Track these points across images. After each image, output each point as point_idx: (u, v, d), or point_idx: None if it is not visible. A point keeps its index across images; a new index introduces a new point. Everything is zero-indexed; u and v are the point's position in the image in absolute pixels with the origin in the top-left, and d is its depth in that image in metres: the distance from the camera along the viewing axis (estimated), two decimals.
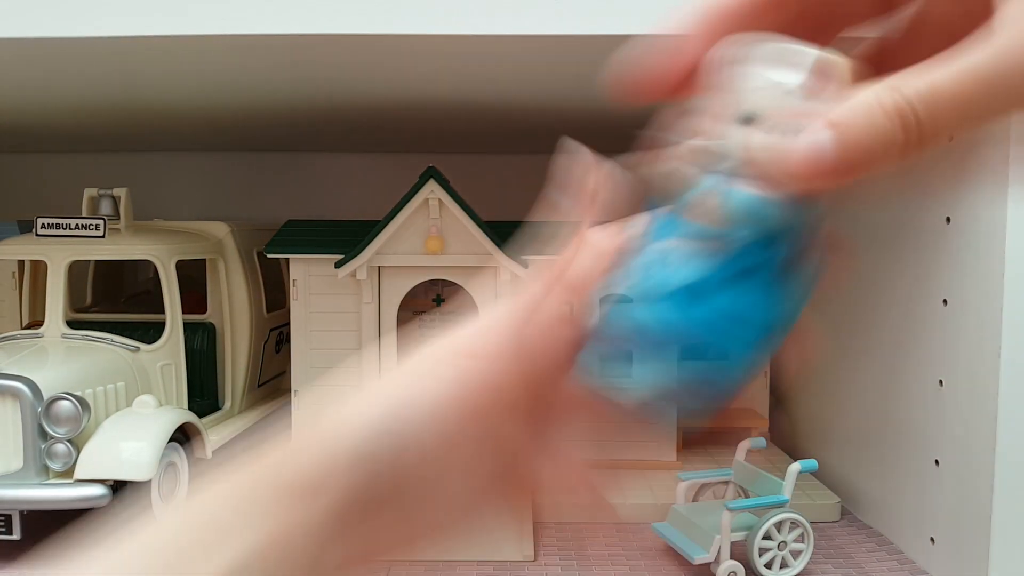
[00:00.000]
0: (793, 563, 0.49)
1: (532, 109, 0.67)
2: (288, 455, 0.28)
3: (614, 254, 0.28)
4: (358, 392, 0.27)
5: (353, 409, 0.26)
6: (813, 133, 0.20)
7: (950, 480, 0.48)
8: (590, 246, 0.30)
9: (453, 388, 0.27)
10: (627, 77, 0.27)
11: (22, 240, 0.60)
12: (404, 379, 0.27)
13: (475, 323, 0.30)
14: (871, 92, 0.20)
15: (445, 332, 0.29)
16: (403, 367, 0.28)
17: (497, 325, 0.29)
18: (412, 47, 0.45)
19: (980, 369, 0.44)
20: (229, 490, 0.27)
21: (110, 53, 0.46)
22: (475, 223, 0.60)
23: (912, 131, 0.21)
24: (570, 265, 0.30)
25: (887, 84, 0.20)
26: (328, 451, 0.26)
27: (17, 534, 0.49)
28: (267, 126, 0.77)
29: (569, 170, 0.30)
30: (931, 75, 0.20)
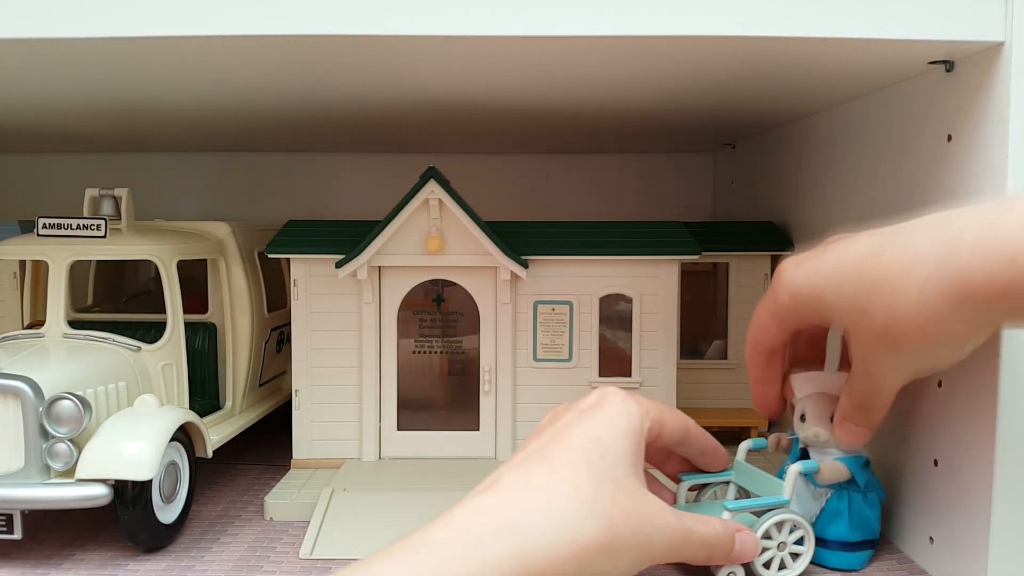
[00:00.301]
0: (792, 564, 0.49)
1: (532, 109, 0.67)
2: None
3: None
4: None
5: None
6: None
7: (949, 480, 0.48)
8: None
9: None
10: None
11: (23, 240, 0.60)
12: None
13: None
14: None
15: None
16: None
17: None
18: (412, 48, 0.45)
19: (979, 369, 0.44)
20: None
21: (110, 53, 0.46)
22: (475, 223, 0.60)
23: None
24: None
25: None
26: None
27: (18, 534, 0.49)
28: (267, 126, 0.77)
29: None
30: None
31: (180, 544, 0.54)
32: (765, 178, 0.84)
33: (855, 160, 0.61)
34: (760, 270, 0.77)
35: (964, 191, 0.46)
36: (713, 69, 0.51)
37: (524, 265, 0.62)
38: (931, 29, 0.42)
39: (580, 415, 0.41)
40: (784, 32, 0.41)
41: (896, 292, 0.38)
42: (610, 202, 1.02)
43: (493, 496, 0.35)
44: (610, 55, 0.47)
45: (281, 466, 0.66)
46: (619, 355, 0.67)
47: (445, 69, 0.51)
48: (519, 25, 0.41)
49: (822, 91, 0.59)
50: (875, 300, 0.39)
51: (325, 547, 0.52)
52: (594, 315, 0.66)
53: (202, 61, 0.48)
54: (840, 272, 0.42)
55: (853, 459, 0.51)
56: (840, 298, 0.42)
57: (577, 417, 0.41)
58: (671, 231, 0.68)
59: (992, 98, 0.44)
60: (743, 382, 0.78)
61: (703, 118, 0.74)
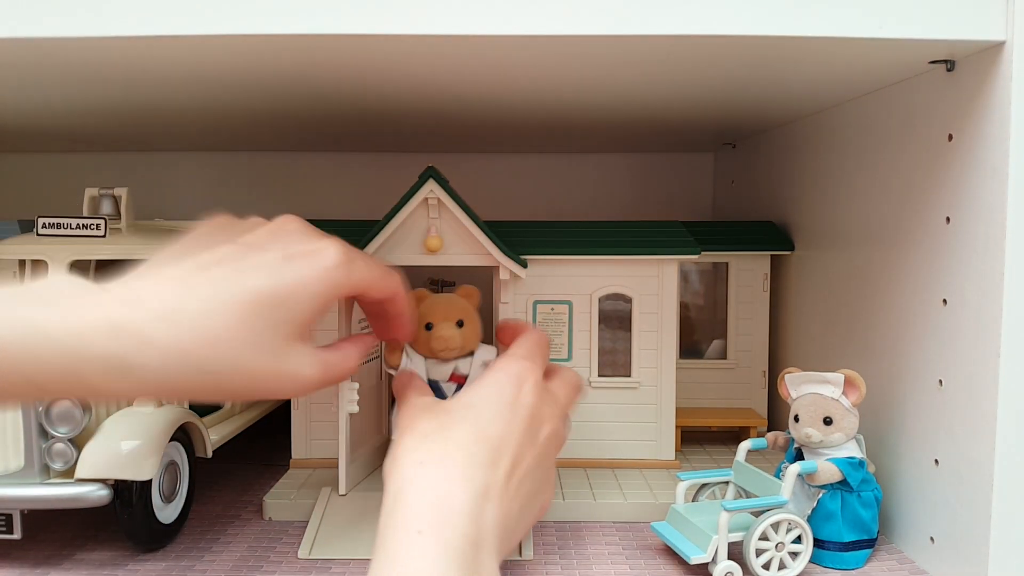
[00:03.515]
0: (792, 564, 0.49)
1: (532, 109, 0.67)
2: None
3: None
4: None
5: None
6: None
7: (949, 480, 0.48)
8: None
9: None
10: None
11: (23, 240, 0.60)
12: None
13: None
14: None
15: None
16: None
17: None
18: (412, 47, 0.45)
19: (979, 369, 0.44)
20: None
21: (110, 53, 0.46)
22: (474, 223, 0.60)
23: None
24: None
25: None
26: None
27: (18, 533, 0.49)
28: (267, 126, 0.77)
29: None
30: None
31: (180, 544, 0.54)
32: (765, 178, 0.84)
33: (855, 160, 0.61)
34: (760, 270, 0.77)
35: (965, 191, 0.46)
36: (713, 69, 0.51)
37: (523, 265, 0.62)
38: (932, 28, 0.42)
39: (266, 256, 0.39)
40: (784, 32, 0.41)
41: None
42: (610, 202, 1.02)
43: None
44: (610, 54, 0.47)
45: (280, 466, 0.66)
46: (618, 355, 0.67)
47: (445, 69, 0.51)
48: (518, 25, 0.41)
49: (822, 91, 0.59)
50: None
51: (324, 547, 0.52)
52: (593, 315, 0.66)
53: (202, 61, 0.48)
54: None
55: (845, 460, 0.51)
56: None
57: (257, 262, 0.39)
58: (671, 231, 0.68)
59: (993, 98, 0.43)
60: (743, 382, 0.78)
61: (703, 118, 0.74)
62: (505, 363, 0.45)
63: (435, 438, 0.39)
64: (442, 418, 0.40)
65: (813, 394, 0.52)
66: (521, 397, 0.42)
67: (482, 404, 0.41)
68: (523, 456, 0.40)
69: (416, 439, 0.39)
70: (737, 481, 0.55)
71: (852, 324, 0.62)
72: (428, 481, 0.36)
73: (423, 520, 0.33)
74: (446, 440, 0.38)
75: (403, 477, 0.36)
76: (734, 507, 0.49)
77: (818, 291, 0.69)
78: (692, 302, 0.81)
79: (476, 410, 0.41)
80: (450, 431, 0.39)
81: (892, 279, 0.55)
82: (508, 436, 0.40)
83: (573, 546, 0.54)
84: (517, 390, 0.43)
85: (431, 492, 0.35)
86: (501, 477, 0.38)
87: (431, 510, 0.34)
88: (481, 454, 0.38)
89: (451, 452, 0.38)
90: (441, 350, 0.56)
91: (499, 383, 0.43)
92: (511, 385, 0.43)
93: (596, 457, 0.67)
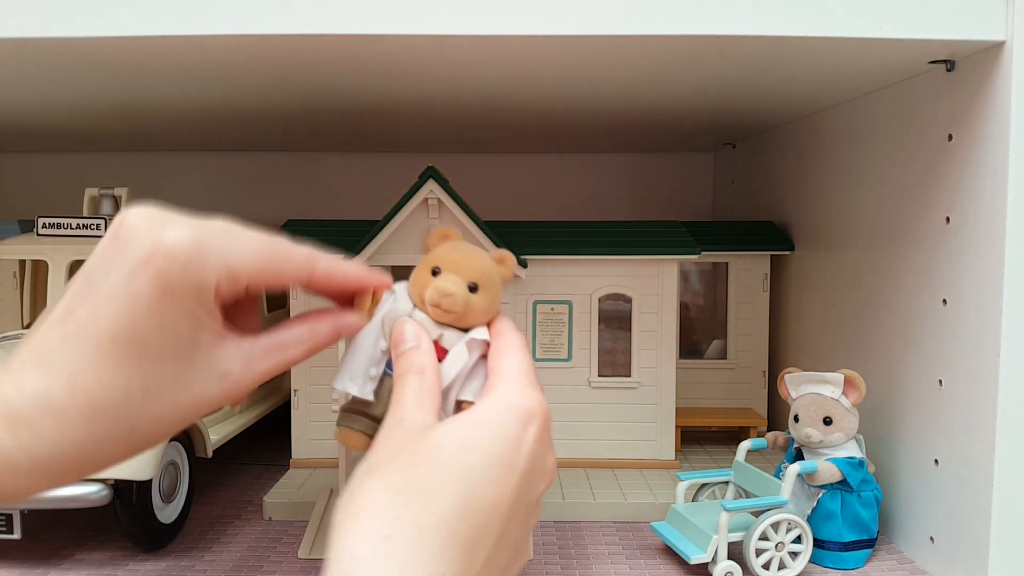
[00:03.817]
0: (792, 563, 0.49)
1: (532, 109, 0.67)
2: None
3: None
4: None
5: None
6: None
7: (949, 480, 0.48)
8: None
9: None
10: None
11: (23, 240, 0.60)
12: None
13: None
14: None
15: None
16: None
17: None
18: (412, 47, 0.45)
19: (980, 369, 0.44)
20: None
21: (110, 53, 0.46)
22: (474, 223, 0.60)
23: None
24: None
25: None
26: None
27: (17, 533, 0.49)
28: (267, 126, 0.77)
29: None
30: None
31: (180, 544, 0.54)
32: (765, 178, 0.84)
33: (855, 160, 0.61)
34: (760, 270, 0.77)
35: (965, 191, 0.46)
36: (713, 69, 0.51)
37: (523, 265, 0.62)
38: (932, 29, 0.42)
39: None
40: (784, 32, 0.41)
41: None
42: (610, 202, 1.02)
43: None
44: (610, 55, 0.47)
45: (280, 466, 0.66)
46: (618, 355, 0.67)
47: (445, 69, 0.51)
48: (518, 24, 0.41)
49: (822, 91, 0.59)
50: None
51: (324, 547, 0.52)
52: (593, 315, 0.66)
53: (202, 60, 0.48)
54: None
55: (845, 460, 0.51)
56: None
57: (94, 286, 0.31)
58: (671, 231, 0.68)
59: (993, 97, 0.43)
60: (743, 382, 0.78)
61: (703, 118, 0.74)
62: (513, 397, 0.35)
63: (412, 500, 0.30)
64: (426, 467, 0.31)
65: (813, 394, 0.52)
66: (523, 447, 0.33)
67: (479, 453, 0.32)
68: (511, 527, 0.33)
69: (387, 497, 0.30)
70: (737, 481, 0.55)
71: (852, 324, 0.62)
72: (391, 569, 0.28)
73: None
74: (425, 506, 0.30)
75: (358, 554, 0.28)
76: (734, 507, 0.49)
77: (818, 291, 0.69)
78: (692, 302, 0.81)
79: (470, 461, 0.32)
80: (432, 493, 0.30)
81: (892, 279, 0.55)
82: (499, 506, 0.32)
83: (573, 546, 0.54)
84: (521, 434, 0.34)
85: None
86: (482, 559, 0.31)
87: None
88: (463, 534, 0.30)
89: (426, 529, 0.29)
90: (435, 305, 0.40)
91: (503, 426, 0.34)
92: (516, 427, 0.34)
93: (596, 457, 0.67)
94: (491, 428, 0.33)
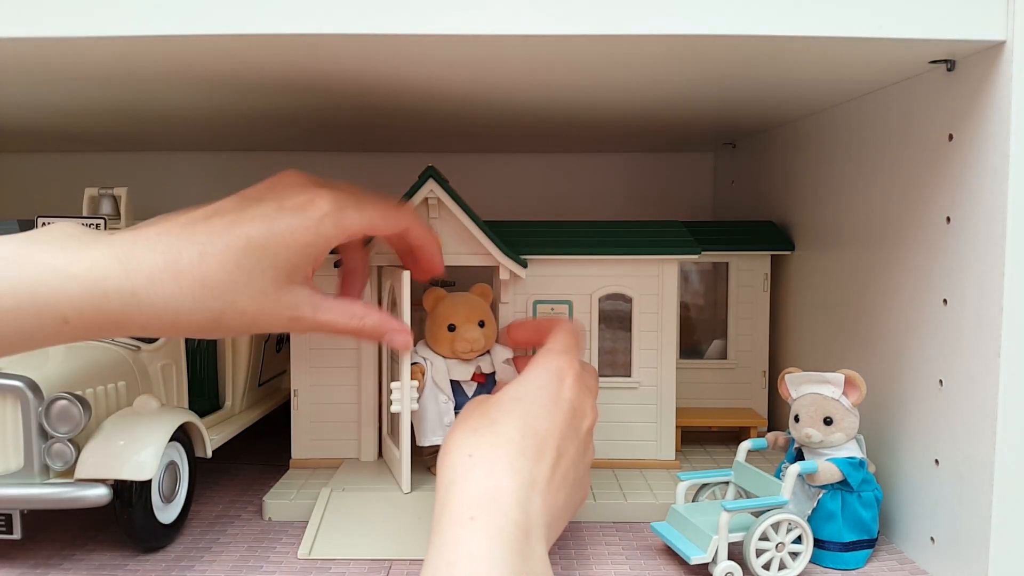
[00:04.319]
0: (792, 564, 0.49)
1: (532, 109, 0.67)
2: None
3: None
4: None
5: None
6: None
7: (950, 480, 0.48)
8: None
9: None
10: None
11: None
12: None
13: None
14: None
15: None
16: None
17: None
18: (412, 47, 0.45)
19: (980, 369, 0.44)
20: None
21: (110, 53, 0.46)
22: (474, 223, 0.60)
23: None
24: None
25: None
26: None
27: (18, 534, 0.49)
28: (267, 126, 0.77)
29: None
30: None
31: (180, 544, 0.54)
32: (765, 178, 0.84)
33: (855, 160, 0.61)
34: (760, 270, 0.77)
35: (965, 191, 0.46)
36: (713, 69, 0.51)
37: (523, 264, 0.62)
38: (932, 28, 0.42)
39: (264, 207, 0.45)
40: (784, 32, 0.41)
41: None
42: (610, 202, 1.02)
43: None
44: (610, 54, 0.47)
45: (280, 466, 0.66)
46: (618, 354, 0.67)
47: (445, 68, 0.51)
48: (518, 24, 0.41)
49: (822, 91, 0.59)
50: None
51: (324, 547, 0.52)
52: (593, 315, 0.66)
53: (202, 61, 0.48)
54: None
55: (846, 460, 0.51)
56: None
57: (255, 214, 0.44)
58: (671, 231, 0.68)
59: (993, 97, 0.43)
60: (743, 382, 0.78)
61: (703, 118, 0.74)
62: (546, 359, 0.46)
63: (484, 432, 0.40)
64: (492, 413, 0.42)
65: (813, 394, 0.52)
66: (564, 392, 0.44)
67: (529, 398, 0.43)
68: (566, 449, 0.42)
69: (466, 434, 0.41)
70: (737, 481, 0.55)
71: (852, 324, 0.62)
72: (478, 472, 0.37)
73: (475, 508, 0.35)
74: (495, 434, 0.40)
75: (454, 469, 0.38)
76: (734, 507, 0.49)
77: (818, 291, 0.69)
78: (692, 302, 0.81)
79: (523, 404, 0.43)
80: (499, 425, 0.41)
81: (892, 279, 0.55)
82: (553, 430, 0.42)
83: (573, 546, 0.54)
84: (560, 385, 0.45)
85: (481, 482, 0.37)
86: (546, 469, 0.40)
87: (482, 499, 0.36)
88: (528, 447, 0.40)
89: (500, 444, 0.39)
90: (466, 352, 0.58)
91: (542, 378, 0.45)
92: (554, 380, 0.45)
93: (596, 457, 0.66)
94: (534, 379, 0.45)
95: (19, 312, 0.37)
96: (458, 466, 0.38)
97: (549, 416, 0.42)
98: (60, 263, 0.38)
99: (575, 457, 0.43)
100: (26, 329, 0.38)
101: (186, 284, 0.40)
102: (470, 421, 0.42)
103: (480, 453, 0.39)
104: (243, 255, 0.42)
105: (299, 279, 0.45)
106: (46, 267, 0.38)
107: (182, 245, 0.41)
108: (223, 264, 0.41)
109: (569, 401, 0.44)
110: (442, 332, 0.58)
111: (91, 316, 0.39)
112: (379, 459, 0.66)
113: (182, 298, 0.40)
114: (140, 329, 0.41)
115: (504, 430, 0.40)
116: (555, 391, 0.44)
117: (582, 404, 0.45)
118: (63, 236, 0.40)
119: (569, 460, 0.42)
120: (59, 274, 0.38)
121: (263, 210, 0.44)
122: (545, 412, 0.42)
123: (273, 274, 0.43)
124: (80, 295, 0.38)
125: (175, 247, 0.41)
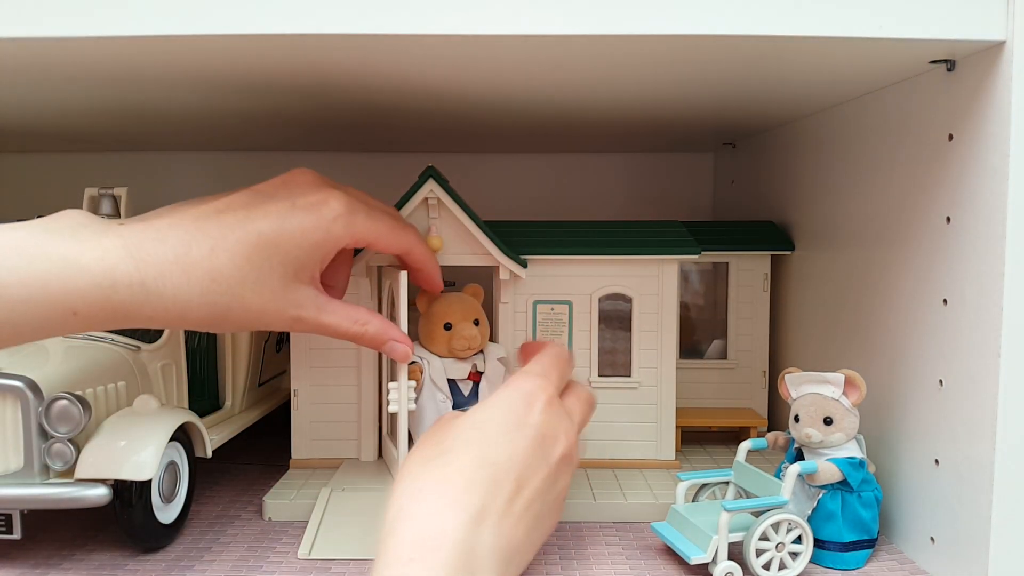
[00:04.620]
0: (792, 564, 0.49)
1: (532, 109, 0.67)
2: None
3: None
4: None
5: None
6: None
7: (950, 480, 0.48)
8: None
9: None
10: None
11: None
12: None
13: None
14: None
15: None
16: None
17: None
18: (413, 47, 0.45)
19: (980, 369, 0.44)
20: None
21: (109, 53, 0.46)
22: (474, 223, 0.60)
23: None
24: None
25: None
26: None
27: (17, 534, 0.49)
28: (267, 126, 0.77)
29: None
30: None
31: (180, 544, 0.54)
32: (765, 178, 0.84)
33: (855, 160, 0.61)
34: (760, 270, 0.77)
35: (965, 191, 0.46)
36: (713, 69, 0.51)
37: (523, 264, 0.62)
38: (932, 28, 0.42)
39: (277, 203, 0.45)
40: (784, 32, 0.41)
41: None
42: (610, 202, 1.02)
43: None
44: (610, 54, 0.47)
45: (280, 466, 0.66)
46: (618, 355, 0.67)
47: (445, 68, 0.51)
48: (518, 24, 0.41)
49: (822, 91, 0.59)
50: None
51: (324, 547, 0.52)
52: (593, 315, 0.66)
53: (202, 61, 0.48)
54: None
55: (845, 460, 0.51)
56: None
57: (268, 209, 0.44)
58: (671, 231, 0.68)
59: (993, 97, 0.43)
60: (743, 382, 0.78)
61: (703, 118, 0.74)
62: (517, 380, 0.44)
63: (436, 464, 0.38)
64: (447, 442, 0.40)
65: (813, 394, 0.52)
66: (531, 417, 0.41)
67: (490, 425, 0.40)
68: (529, 479, 0.39)
69: (419, 463, 0.39)
70: (737, 481, 0.55)
71: (852, 324, 0.62)
72: (424, 508, 0.35)
73: (415, 548, 0.33)
74: (446, 466, 0.38)
75: (399, 505, 0.36)
76: (734, 507, 0.49)
77: (818, 291, 0.69)
78: (692, 302, 0.81)
79: (483, 432, 0.40)
80: (451, 455, 0.38)
81: (892, 279, 0.55)
82: (513, 459, 0.39)
83: (573, 546, 0.54)
84: (527, 409, 0.42)
85: (425, 521, 0.35)
86: (501, 503, 0.37)
87: (421, 538, 0.34)
88: (480, 479, 0.37)
89: (450, 478, 0.37)
90: (463, 349, 0.59)
91: (509, 400, 0.42)
92: (521, 403, 0.42)
93: (596, 457, 0.67)
94: (501, 403, 0.42)
95: (29, 303, 0.37)
96: (405, 498, 0.37)
97: (510, 444, 0.39)
98: (71, 254, 0.38)
99: (541, 487, 0.40)
100: (36, 320, 0.38)
101: (195, 277, 0.41)
102: (425, 449, 0.40)
103: (428, 488, 0.37)
104: (254, 251, 0.42)
105: (306, 278, 0.45)
106: (57, 258, 0.38)
107: (192, 238, 0.41)
108: (233, 259, 0.42)
109: (535, 427, 0.41)
110: (438, 331, 0.59)
111: (99, 307, 0.39)
112: (379, 459, 0.66)
113: (191, 291, 0.41)
114: (147, 320, 0.41)
115: (456, 460, 0.38)
116: (520, 416, 0.41)
117: (553, 429, 0.42)
118: (74, 225, 0.41)
119: (533, 490, 0.39)
120: (69, 265, 0.38)
121: (276, 207, 0.44)
122: (506, 440, 0.40)
123: (282, 271, 0.43)
124: (90, 287, 0.38)
125: (185, 240, 0.41)
